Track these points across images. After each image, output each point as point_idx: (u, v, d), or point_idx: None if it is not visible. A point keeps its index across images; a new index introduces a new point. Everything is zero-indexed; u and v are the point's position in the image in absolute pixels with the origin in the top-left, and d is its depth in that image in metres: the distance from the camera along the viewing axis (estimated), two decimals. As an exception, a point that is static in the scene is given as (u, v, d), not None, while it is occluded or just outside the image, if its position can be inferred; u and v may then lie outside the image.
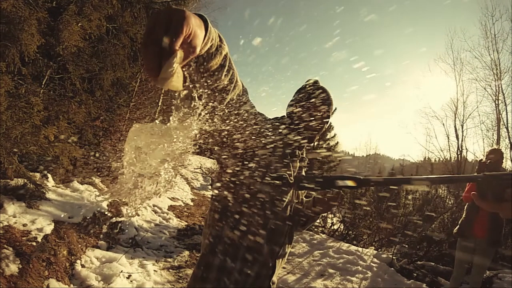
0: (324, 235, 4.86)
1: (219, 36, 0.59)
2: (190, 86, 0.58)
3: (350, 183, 0.68)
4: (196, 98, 0.61)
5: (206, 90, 0.62)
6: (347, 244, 4.38)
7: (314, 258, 3.81)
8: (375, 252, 4.11)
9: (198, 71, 0.58)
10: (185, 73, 0.54)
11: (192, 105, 0.62)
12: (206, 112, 0.64)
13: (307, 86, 1.07)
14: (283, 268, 3.46)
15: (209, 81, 0.61)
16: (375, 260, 3.84)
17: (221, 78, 0.63)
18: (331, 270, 3.51)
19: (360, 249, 4.20)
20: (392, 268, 3.64)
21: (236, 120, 0.75)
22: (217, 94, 0.66)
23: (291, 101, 1.08)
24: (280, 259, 1.00)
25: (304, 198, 1.14)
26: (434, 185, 4.92)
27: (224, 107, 0.69)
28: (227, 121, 0.73)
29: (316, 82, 1.08)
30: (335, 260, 3.75)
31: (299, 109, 1.03)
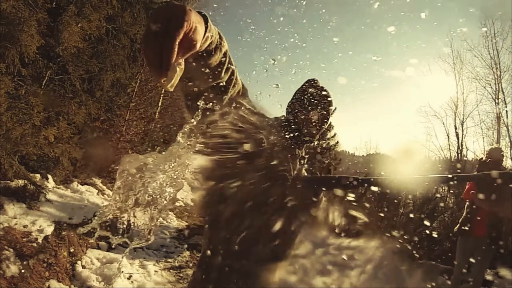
0: (325, 232, 4.86)
1: (219, 34, 0.59)
2: (189, 84, 0.58)
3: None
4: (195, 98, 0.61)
5: (205, 88, 0.62)
6: (347, 240, 4.38)
7: (315, 256, 3.82)
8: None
9: (198, 68, 0.58)
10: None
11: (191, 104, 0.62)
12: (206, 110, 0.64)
13: (307, 85, 1.07)
14: (283, 268, 3.45)
15: (208, 78, 0.61)
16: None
17: (220, 76, 0.63)
18: (330, 267, 3.51)
19: (360, 244, 4.20)
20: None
21: (235, 119, 0.75)
22: (216, 91, 0.65)
23: (291, 100, 1.08)
24: (280, 259, 1.00)
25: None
26: (434, 184, 4.93)
27: (224, 106, 0.69)
28: (226, 121, 0.73)
29: (315, 81, 1.08)
30: (335, 256, 3.76)
31: (299, 108, 1.03)
